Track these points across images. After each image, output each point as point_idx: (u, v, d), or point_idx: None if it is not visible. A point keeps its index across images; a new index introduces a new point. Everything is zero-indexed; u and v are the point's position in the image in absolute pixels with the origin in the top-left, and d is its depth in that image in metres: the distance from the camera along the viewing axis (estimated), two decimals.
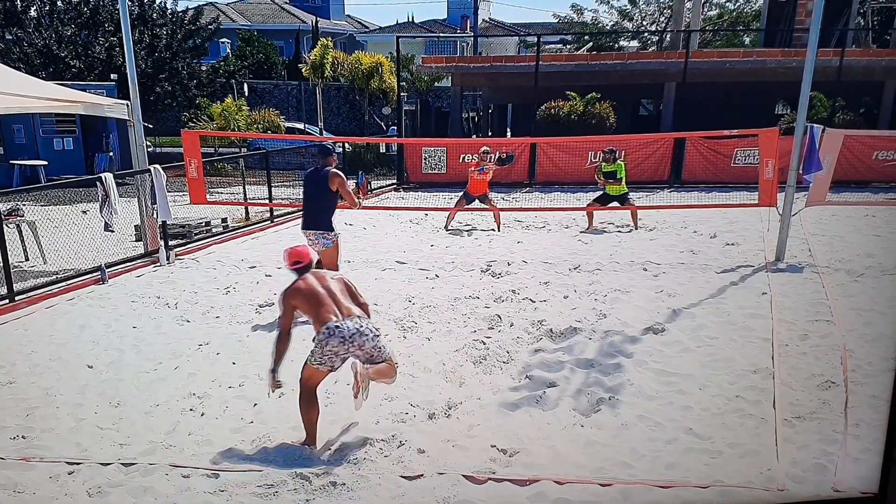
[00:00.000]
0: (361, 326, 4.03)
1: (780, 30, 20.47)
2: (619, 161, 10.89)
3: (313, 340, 4.04)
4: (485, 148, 11.16)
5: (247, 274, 8.37)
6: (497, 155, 11.10)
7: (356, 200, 6.69)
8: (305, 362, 4.12)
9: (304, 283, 4.19)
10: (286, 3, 45.13)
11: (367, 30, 45.88)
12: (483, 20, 38.81)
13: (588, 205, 11.16)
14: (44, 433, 4.39)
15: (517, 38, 38.04)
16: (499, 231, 10.79)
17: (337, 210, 6.64)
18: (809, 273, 7.85)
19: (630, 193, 11.11)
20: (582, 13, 32.18)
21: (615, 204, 10.87)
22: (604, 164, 10.94)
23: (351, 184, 7.02)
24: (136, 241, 10.02)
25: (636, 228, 10.76)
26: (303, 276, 4.26)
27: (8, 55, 20.30)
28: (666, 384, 4.92)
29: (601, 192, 11.07)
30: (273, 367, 4.14)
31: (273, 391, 4.29)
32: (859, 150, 14.31)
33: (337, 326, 3.96)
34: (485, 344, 5.70)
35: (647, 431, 4.25)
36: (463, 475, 3.78)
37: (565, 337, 5.87)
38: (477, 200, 10.84)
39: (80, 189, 10.90)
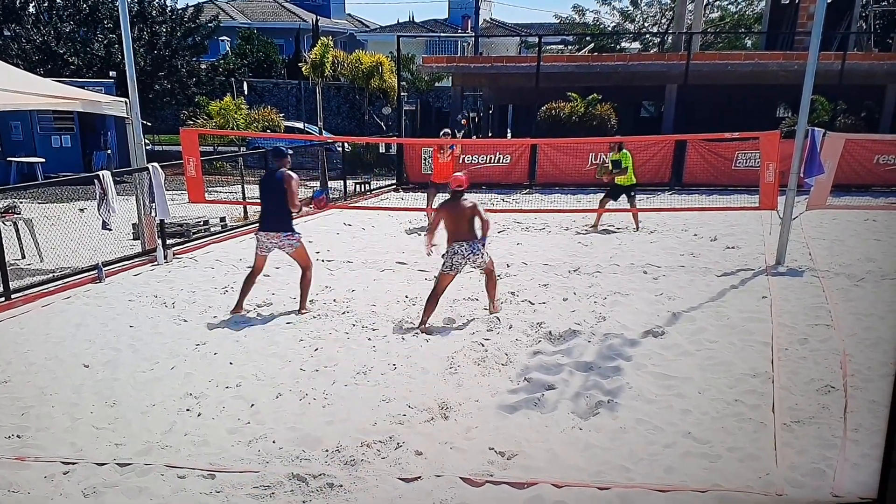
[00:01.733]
0: (474, 248, 6.11)
1: (781, 33, 20.47)
2: (624, 150, 10.67)
3: (442, 256, 6.25)
4: (445, 131, 11.74)
5: (245, 273, 8.30)
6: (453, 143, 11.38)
7: (297, 203, 6.58)
8: (439, 272, 6.27)
9: (452, 206, 6.17)
10: (286, 1, 45.10)
11: (367, 29, 45.87)
12: (484, 20, 38.78)
13: (600, 202, 11.04)
14: (39, 432, 4.36)
15: (518, 38, 38.02)
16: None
17: (336, 210, 6.62)
18: (809, 277, 7.84)
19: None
20: (584, 14, 32.22)
21: (624, 198, 10.72)
22: (610, 154, 10.91)
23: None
24: (134, 239, 9.99)
25: (637, 229, 10.74)
26: (455, 199, 6.15)
27: (6, 52, 20.22)
28: (665, 388, 4.90)
29: (610, 187, 10.92)
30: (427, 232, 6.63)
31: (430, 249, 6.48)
32: (860, 154, 14.32)
33: (460, 246, 6.08)
34: (483, 346, 5.68)
35: (645, 435, 4.23)
36: (460, 477, 3.76)
37: (564, 339, 5.85)
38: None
39: (78, 187, 10.86)
